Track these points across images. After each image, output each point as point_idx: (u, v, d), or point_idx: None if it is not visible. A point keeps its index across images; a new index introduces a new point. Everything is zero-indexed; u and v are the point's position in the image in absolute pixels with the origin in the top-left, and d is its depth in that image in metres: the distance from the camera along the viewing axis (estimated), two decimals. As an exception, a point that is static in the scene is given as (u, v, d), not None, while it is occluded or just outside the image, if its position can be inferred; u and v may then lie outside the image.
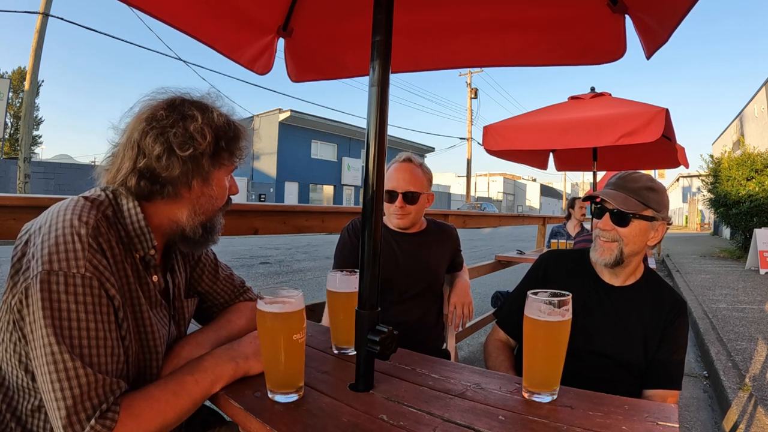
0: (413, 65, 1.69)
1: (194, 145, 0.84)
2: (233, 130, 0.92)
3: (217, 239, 0.98)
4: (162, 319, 0.92)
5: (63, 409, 0.68)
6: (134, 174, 0.83)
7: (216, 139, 0.88)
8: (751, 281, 6.83)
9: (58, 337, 0.69)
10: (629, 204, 1.18)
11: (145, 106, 0.87)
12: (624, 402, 0.83)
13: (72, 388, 0.69)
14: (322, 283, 6.17)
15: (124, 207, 0.85)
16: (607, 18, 1.34)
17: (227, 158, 0.92)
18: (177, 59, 13.30)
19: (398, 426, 0.74)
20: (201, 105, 0.89)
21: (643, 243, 1.22)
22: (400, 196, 1.64)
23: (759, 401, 2.53)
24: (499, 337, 1.43)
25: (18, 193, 8.52)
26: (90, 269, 0.73)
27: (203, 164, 0.87)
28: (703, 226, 29.47)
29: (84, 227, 0.75)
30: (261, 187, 24.34)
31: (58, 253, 0.72)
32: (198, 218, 0.91)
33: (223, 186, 0.95)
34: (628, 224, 1.19)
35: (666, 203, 1.23)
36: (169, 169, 0.83)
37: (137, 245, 0.86)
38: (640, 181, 1.22)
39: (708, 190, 12.18)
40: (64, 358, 0.69)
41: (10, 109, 23.12)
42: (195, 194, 0.89)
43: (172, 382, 0.82)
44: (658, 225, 1.22)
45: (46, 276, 0.70)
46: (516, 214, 7.92)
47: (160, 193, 0.85)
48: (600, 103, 3.18)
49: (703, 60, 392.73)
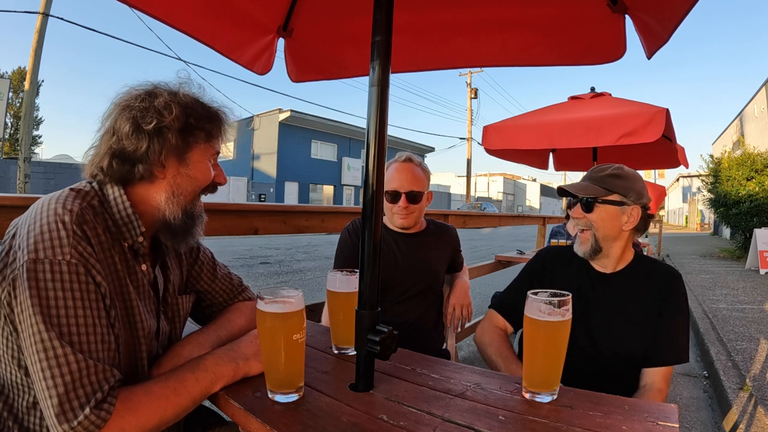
0: (413, 65, 1.69)
1: (158, 118, 0.84)
2: (203, 108, 0.92)
3: (200, 232, 0.97)
4: (149, 311, 0.92)
5: (55, 397, 0.67)
6: (108, 155, 0.85)
7: (184, 115, 0.87)
8: (751, 281, 6.83)
9: (47, 325, 0.69)
10: (589, 190, 1.27)
11: (122, 97, 0.89)
12: (624, 402, 0.83)
13: (63, 375, 0.68)
14: (322, 283, 6.17)
15: (110, 196, 0.86)
16: (607, 18, 1.34)
17: (203, 138, 0.92)
18: (177, 59, 13.29)
19: (398, 426, 0.74)
20: (171, 88, 0.91)
21: (615, 227, 1.27)
22: (403, 197, 1.64)
23: (759, 401, 2.53)
24: (497, 324, 1.42)
25: (18, 193, 8.52)
26: (75, 256, 0.73)
27: (170, 138, 0.86)
28: (703, 226, 29.48)
29: (68, 215, 0.76)
30: (261, 187, 24.34)
31: (44, 242, 0.72)
32: (177, 200, 0.90)
33: (204, 168, 0.94)
34: (593, 209, 1.27)
35: (637, 188, 1.27)
36: (137, 144, 0.84)
37: (125, 233, 0.86)
38: (606, 170, 1.30)
39: (708, 190, 12.18)
40: (53, 345, 0.68)
41: (10, 109, 23.11)
42: (171, 174, 0.89)
43: (173, 379, 0.82)
44: (629, 209, 1.26)
45: (32, 265, 0.70)
46: (516, 214, 7.91)
47: (134, 173, 0.85)
48: (600, 103, 3.18)
49: (704, 60, 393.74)
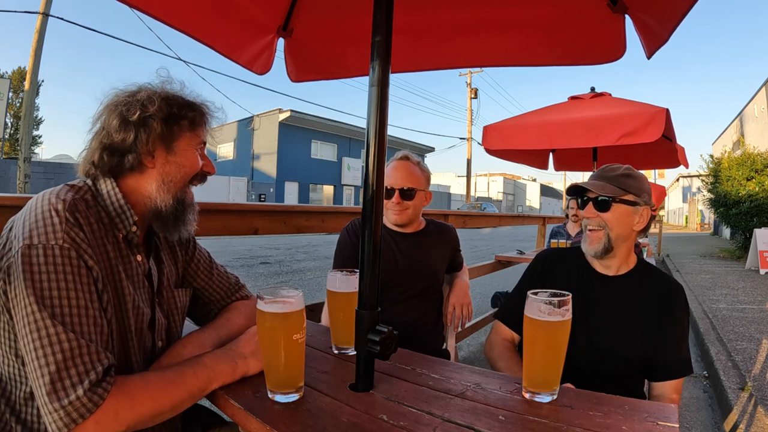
0: (413, 65, 1.69)
1: (142, 109, 0.88)
2: (184, 99, 0.95)
3: (191, 221, 0.99)
4: (144, 300, 0.93)
5: (47, 375, 0.67)
6: (98, 149, 0.89)
7: (167, 105, 0.91)
8: (751, 281, 6.83)
9: (40, 305, 0.70)
10: (607, 189, 1.26)
11: (110, 98, 0.92)
12: (624, 402, 0.83)
13: (55, 353, 0.68)
14: (322, 283, 6.17)
15: (103, 189, 0.89)
16: (607, 18, 1.34)
17: (187, 126, 0.95)
18: (177, 59, 13.30)
19: (398, 426, 0.74)
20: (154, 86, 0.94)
21: (628, 227, 1.27)
22: (397, 192, 1.65)
23: (759, 401, 2.53)
24: (504, 336, 1.42)
25: (18, 193, 8.52)
26: (68, 240, 0.75)
27: (155, 127, 0.89)
28: (703, 226, 29.47)
29: (61, 203, 0.79)
30: (261, 187, 24.34)
31: (38, 228, 0.75)
32: (167, 188, 0.93)
33: (192, 156, 0.96)
34: (609, 209, 1.26)
35: (646, 189, 1.28)
36: (125, 136, 0.88)
37: (119, 224, 0.89)
38: (617, 169, 1.29)
39: (708, 190, 12.17)
40: (46, 324, 0.70)
41: (10, 109, 23.11)
42: (159, 162, 0.92)
43: (171, 371, 0.83)
44: (641, 210, 1.27)
45: (26, 250, 0.73)
46: (516, 214, 7.90)
47: (123, 164, 0.89)
48: (600, 103, 3.18)
49: (704, 59, 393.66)
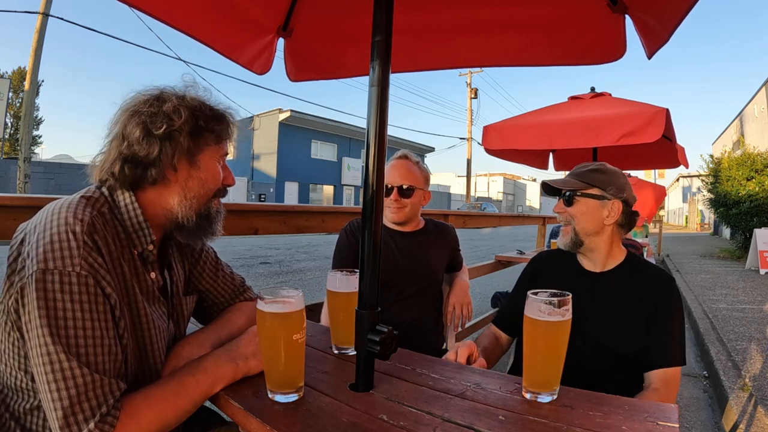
0: (413, 65, 1.69)
1: (168, 123, 0.85)
2: (210, 110, 0.93)
3: (217, 230, 0.97)
4: (161, 316, 0.92)
5: (60, 410, 0.67)
6: (119, 160, 0.85)
7: (193, 118, 0.88)
8: (751, 281, 6.83)
9: (54, 337, 0.68)
10: (570, 184, 1.32)
11: (130, 102, 0.89)
12: (624, 402, 0.83)
13: (68, 388, 0.68)
14: (322, 283, 6.17)
15: (121, 203, 0.86)
16: (607, 18, 1.34)
17: (212, 140, 0.92)
18: (177, 59, 13.30)
19: (398, 426, 0.74)
20: (177, 92, 0.91)
21: (596, 221, 1.29)
22: (395, 190, 1.66)
23: (759, 401, 2.53)
24: (493, 330, 1.49)
25: (18, 193, 8.52)
26: (86, 267, 0.72)
27: (181, 142, 0.86)
28: (703, 226, 29.46)
29: (79, 224, 0.75)
30: (261, 187, 24.32)
31: (53, 252, 0.71)
32: (190, 204, 0.90)
33: (214, 170, 0.94)
34: (573, 203, 1.31)
35: (618, 183, 1.29)
36: (149, 149, 0.84)
37: (135, 241, 0.86)
38: (588, 166, 1.34)
39: (708, 190, 12.17)
40: (60, 358, 0.68)
41: (10, 109, 23.10)
42: (182, 177, 0.89)
43: (173, 382, 0.82)
44: (610, 204, 1.28)
45: (41, 275, 0.70)
46: (516, 214, 7.89)
47: (146, 177, 0.86)
48: (600, 103, 3.17)
49: (704, 59, 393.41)
